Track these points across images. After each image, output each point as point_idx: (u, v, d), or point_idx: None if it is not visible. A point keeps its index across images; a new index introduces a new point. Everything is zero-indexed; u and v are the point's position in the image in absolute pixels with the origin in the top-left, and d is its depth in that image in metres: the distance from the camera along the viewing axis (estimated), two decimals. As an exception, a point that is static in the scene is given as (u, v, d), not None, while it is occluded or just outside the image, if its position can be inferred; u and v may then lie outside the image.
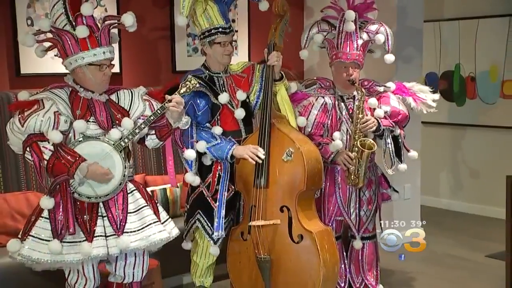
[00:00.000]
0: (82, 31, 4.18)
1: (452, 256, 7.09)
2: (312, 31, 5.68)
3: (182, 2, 4.89)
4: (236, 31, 6.96)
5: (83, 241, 4.17)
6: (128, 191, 4.43)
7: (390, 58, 5.63)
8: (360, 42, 5.52)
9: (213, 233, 5.03)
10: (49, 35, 4.34)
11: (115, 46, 4.67)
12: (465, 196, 8.79)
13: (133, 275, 4.57)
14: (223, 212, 5.01)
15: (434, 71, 8.73)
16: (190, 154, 4.92)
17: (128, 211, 4.36)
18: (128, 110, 4.50)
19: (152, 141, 4.66)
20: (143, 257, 4.58)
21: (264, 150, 5.01)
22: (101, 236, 4.24)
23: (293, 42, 5.81)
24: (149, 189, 5.36)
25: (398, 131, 5.58)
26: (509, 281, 5.25)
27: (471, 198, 8.71)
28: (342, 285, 5.71)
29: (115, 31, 4.62)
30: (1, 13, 5.73)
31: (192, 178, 5.04)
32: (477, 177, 8.62)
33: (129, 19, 4.39)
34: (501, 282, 5.26)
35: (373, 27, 5.59)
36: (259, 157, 4.92)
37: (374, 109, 5.49)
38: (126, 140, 4.34)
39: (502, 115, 8.33)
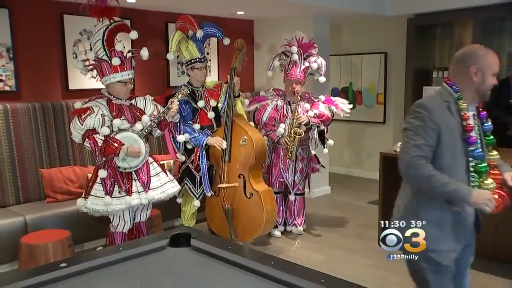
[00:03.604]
0: (116, 61, 4.26)
1: (347, 204, 7.15)
2: (275, 59, 5.79)
3: (170, 44, 5.01)
4: (210, 60, 6.91)
5: (125, 195, 4.29)
6: (149, 162, 4.51)
7: (322, 79, 5.79)
8: (302, 67, 5.62)
9: (195, 192, 5.11)
10: (92, 61, 4.39)
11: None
12: (355, 165, 8.85)
13: (141, 216, 4.61)
14: (207, 179, 5.07)
15: (336, 86, 8.73)
16: (180, 138, 5.00)
17: (151, 175, 4.46)
18: (143, 110, 4.52)
19: (156, 132, 4.66)
20: (148, 207, 4.63)
21: (227, 139, 5.04)
22: (135, 192, 4.35)
23: (248, 67, 5.85)
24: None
25: (322, 127, 5.63)
26: (381, 217, 5.32)
27: (359, 166, 8.78)
28: (280, 221, 5.80)
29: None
30: (56, 49, 5.67)
31: (180, 157, 5.14)
32: (363, 153, 8.66)
33: (145, 53, 4.45)
34: (376, 218, 5.35)
35: (312, 59, 5.70)
36: (222, 146, 4.99)
37: (307, 111, 5.54)
38: (146, 131, 4.42)
39: (377, 114, 8.41)
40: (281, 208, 5.76)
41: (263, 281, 2.17)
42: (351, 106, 5.84)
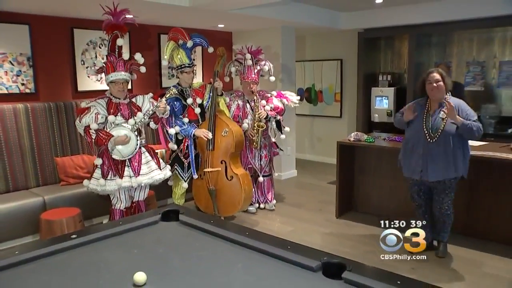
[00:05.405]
0: (99, 63, 4.31)
1: (311, 184, 7.15)
2: (230, 66, 5.72)
3: (165, 52, 4.96)
4: (195, 64, 6.70)
5: (117, 178, 4.25)
6: (142, 152, 4.43)
7: (272, 79, 5.72)
8: (255, 70, 5.55)
9: (184, 176, 5.05)
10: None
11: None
12: (316, 152, 8.83)
13: (139, 196, 4.54)
14: (193, 164, 5.01)
15: (301, 87, 8.68)
16: (171, 131, 4.94)
17: (142, 163, 4.39)
18: (141, 106, 4.46)
19: (152, 125, 4.62)
20: (145, 188, 4.57)
21: (211, 131, 4.99)
22: (127, 176, 4.28)
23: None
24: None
25: (278, 117, 5.62)
26: (337, 194, 5.42)
27: (319, 153, 8.76)
28: (254, 201, 5.74)
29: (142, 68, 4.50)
30: (67, 57, 5.57)
31: (172, 146, 5.05)
32: (323, 142, 8.67)
33: (137, 56, 4.41)
34: (334, 195, 5.46)
35: (262, 63, 5.64)
36: (208, 137, 4.94)
37: (264, 106, 5.51)
38: (137, 125, 4.33)
39: (335, 110, 8.41)
40: (253, 189, 5.65)
41: (240, 248, 2.19)
42: (298, 97, 5.86)
